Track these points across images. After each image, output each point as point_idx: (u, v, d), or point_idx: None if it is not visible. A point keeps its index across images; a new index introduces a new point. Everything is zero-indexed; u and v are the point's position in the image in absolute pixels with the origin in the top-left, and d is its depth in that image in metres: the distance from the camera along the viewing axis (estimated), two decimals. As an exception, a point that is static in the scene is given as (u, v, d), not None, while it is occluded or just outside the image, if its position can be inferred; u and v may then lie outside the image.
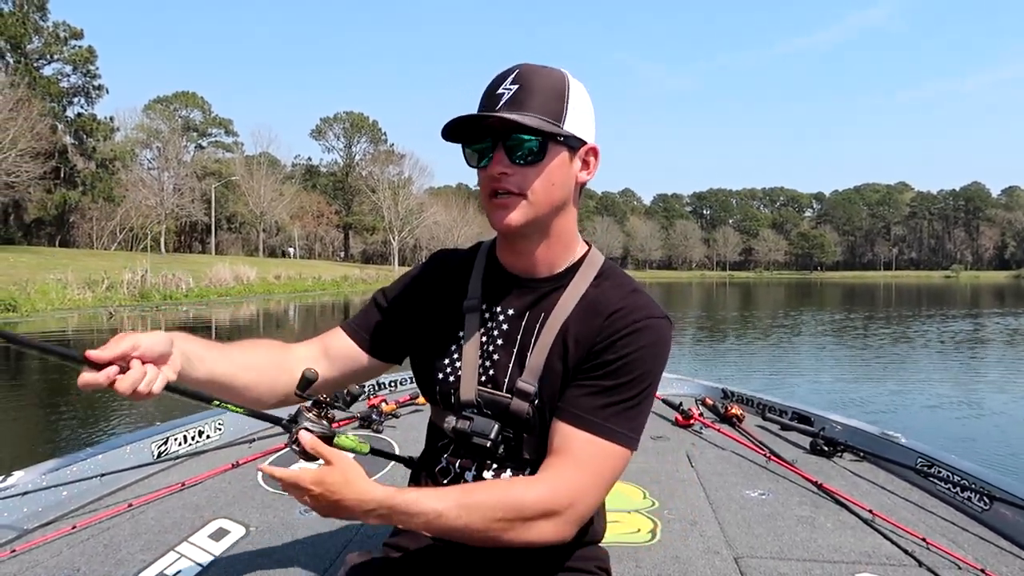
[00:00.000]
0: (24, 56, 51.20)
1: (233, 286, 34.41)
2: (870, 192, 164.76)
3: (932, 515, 2.68)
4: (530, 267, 1.26)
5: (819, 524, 2.57)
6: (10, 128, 37.08)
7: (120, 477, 2.89)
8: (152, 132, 70.23)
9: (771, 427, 4.02)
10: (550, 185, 1.16)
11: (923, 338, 17.47)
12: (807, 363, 12.94)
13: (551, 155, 1.15)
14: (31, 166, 39.60)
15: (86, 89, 56.22)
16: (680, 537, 2.44)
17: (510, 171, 1.14)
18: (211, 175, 70.03)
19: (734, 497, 2.88)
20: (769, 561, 2.26)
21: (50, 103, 49.88)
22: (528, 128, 1.11)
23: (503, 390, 1.22)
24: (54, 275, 25.18)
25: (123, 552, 2.25)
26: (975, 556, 2.28)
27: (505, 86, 1.14)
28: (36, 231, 60.03)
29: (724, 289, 63.92)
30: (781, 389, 9.77)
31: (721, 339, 17.63)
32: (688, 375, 5.42)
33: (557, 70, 1.18)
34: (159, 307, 25.29)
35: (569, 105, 1.15)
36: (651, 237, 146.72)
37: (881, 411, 8.38)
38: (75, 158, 55.91)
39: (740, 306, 34.93)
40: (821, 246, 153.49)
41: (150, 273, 28.69)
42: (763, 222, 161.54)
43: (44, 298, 22.19)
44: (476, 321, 1.27)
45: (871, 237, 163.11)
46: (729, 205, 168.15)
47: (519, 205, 1.15)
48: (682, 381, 5.10)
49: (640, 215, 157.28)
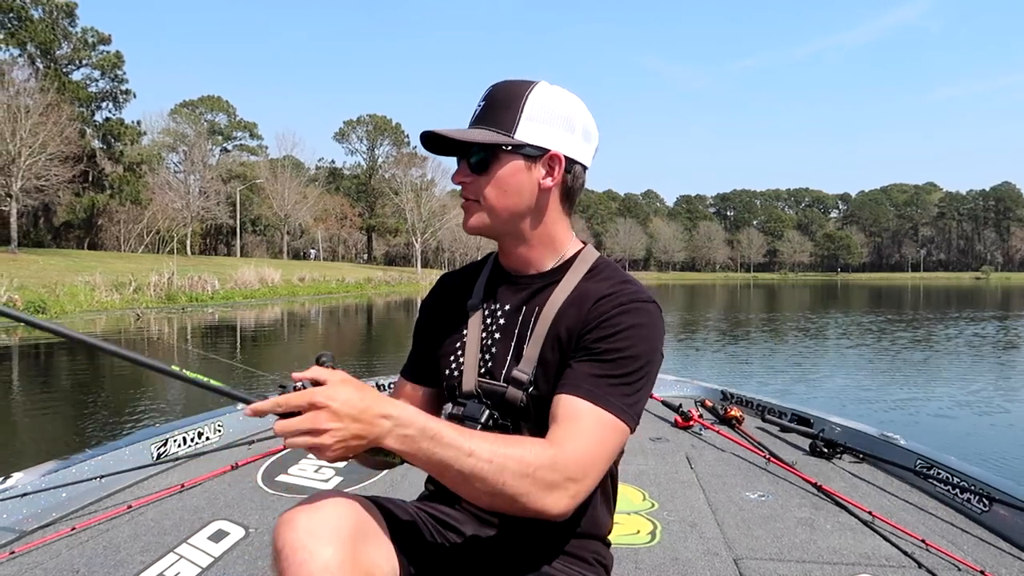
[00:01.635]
0: (54, 62, 52.05)
1: (258, 288, 34.67)
2: (897, 192, 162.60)
3: (931, 516, 2.69)
4: (521, 266, 1.33)
5: (818, 526, 2.58)
6: (40, 132, 37.67)
7: (119, 479, 2.90)
8: (178, 136, 71.11)
9: (771, 429, 4.05)
10: (501, 192, 1.24)
11: (941, 340, 17.16)
12: (822, 366, 12.74)
13: (499, 164, 1.23)
14: (60, 170, 40.22)
15: (114, 94, 57.01)
16: (680, 538, 2.46)
17: (468, 180, 1.25)
18: (236, 178, 70.68)
19: (733, 499, 2.89)
20: (768, 563, 2.26)
21: (79, 108, 50.64)
22: (473, 143, 1.21)
23: (500, 380, 1.27)
24: (82, 277, 25.51)
25: (122, 553, 2.25)
26: (974, 558, 2.28)
27: (478, 102, 1.25)
28: (65, 234, 60.94)
29: (748, 291, 63.38)
30: (793, 391, 9.67)
31: (742, 341, 17.42)
32: (689, 377, 5.46)
33: (527, 82, 1.25)
34: (185, 309, 25.53)
35: (523, 115, 1.22)
36: (674, 239, 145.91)
37: (886, 413, 8.33)
38: (103, 162, 56.72)
39: (763, 308, 34.61)
40: (847, 247, 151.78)
41: (176, 275, 28.97)
42: (788, 223, 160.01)
43: (73, 300, 22.48)
44: (478, 318, 1.35)
45: (898, 238, 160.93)
46: (753, 206, 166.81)
47: (475, 210, 1.27)
48: (681, 383, 5.14)
49: (663, 217, 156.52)
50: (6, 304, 14.12)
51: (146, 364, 1.07)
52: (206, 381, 1.08)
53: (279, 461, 3.41)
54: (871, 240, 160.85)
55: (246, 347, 15.75)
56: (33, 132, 37.48)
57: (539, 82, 1.26)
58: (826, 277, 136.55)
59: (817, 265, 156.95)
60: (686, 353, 15.14)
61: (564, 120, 1.25)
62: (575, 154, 1.27)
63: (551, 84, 1.27)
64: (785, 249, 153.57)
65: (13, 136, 36.84)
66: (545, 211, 1.28)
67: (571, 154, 1.26)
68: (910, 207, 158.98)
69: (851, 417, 4.02)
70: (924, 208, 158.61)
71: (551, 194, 1.27)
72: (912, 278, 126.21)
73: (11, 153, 37.12)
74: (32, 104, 38.23)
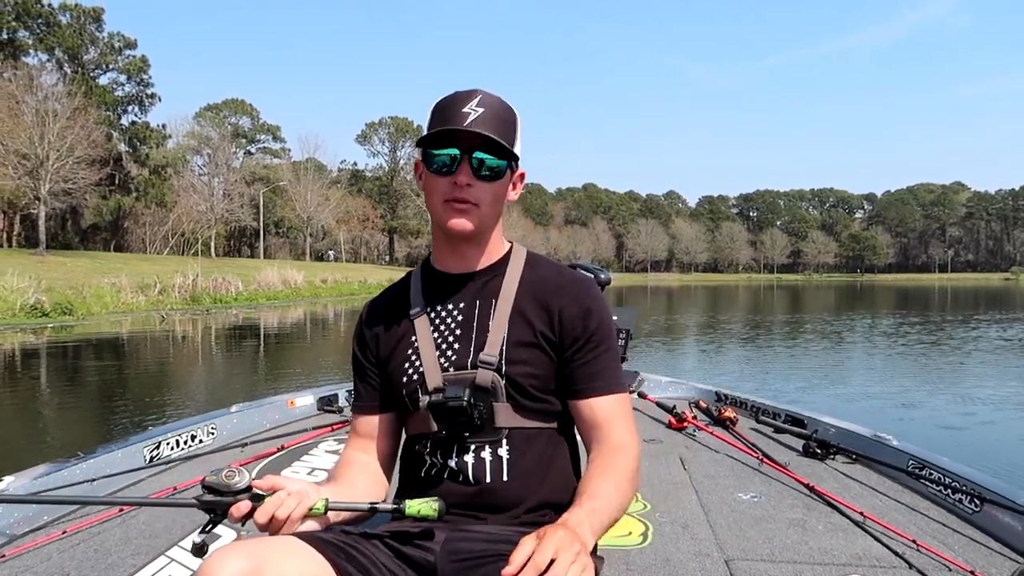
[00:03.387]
0: (81, 66, 52.84)
1: (281, 290, 34.92)
2: (924, 192, 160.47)
3: (923, 517, 2.69)
4: (469, 266, 1.41)
5: (810, 526, 2.59)
6: (67, 136, 38.26)
7: (111, 482, 2.89)
8: (203, 139, 71.93)
9: (764, 430, 4.07)
10: (497, 199, 1.35)
11: (952, 342, 16.84)
12: (830, 367, 12.55)
13: (507, 177, 1.36)
14: (87, 173, 40.82)
15: (140, 97, 57.79)
16: (671, 540, 2.46)
17: (473, 184, 1.30)
18: (259, 180, 71.31)
19: (726, 500, 2.90)
20: (759, 564, 2.27)
21: (105, 111, 51.37)
22: (502, 150, 1.30)
23: (468, 368, 1.34)
24: (109, 279, 25.84)
25: (113, 557, 2.25)
26: (965, 558, 2.28)
27: (471, 107, 1.29)
28: (92, 236, 61.83)
29: (771, 292, 62.77)
30: (804, 394, 9.56)
31: (757, 344, 17.22)
32: (683, 378, 5.46)
33: (507, 102, 1.36)
34: (210, 310, 25.75)
35: (518, 135, 1.35)
36: (696, 240, 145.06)
37: (883, 413, 8.28)
38: (129, 165, 57.52)
39: (784, 310, 34.25)
40: (873, 248, 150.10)
41: (201, 277, 29.25)
42: (812, 224, 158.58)
43: (99, 302, 22.74)
44: (425, 322, 1.40)
45: (925, 239, 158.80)
46: (777, 207, 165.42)
47: (474, 214, 1.32)
48: (676, 384, 5.15)
49: (685, 217, 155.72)
50: (34, 306, 14.30)
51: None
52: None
53: (273, 464, 3.41)
54: (897, 241, 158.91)
55: (270, 348, 15.83)
56: (61, 136, 38.07)
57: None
58: (851, 278, 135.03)
59: (842, 266, 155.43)
60: (697, 355, 14.99)
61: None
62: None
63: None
64: (809, 250, 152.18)
65: (42, 140, 37.43)
66: (501, 218, 1.43)
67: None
68: (937, 207, 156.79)
69: (846, 418, 4.03)
70: (952, 208, 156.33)
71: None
72: (939, 279, 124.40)
73: (40, 156, 37.71)
74: (60, 108, 38.81)
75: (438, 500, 1.20)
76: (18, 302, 19.36)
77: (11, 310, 18.92)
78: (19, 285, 20.51)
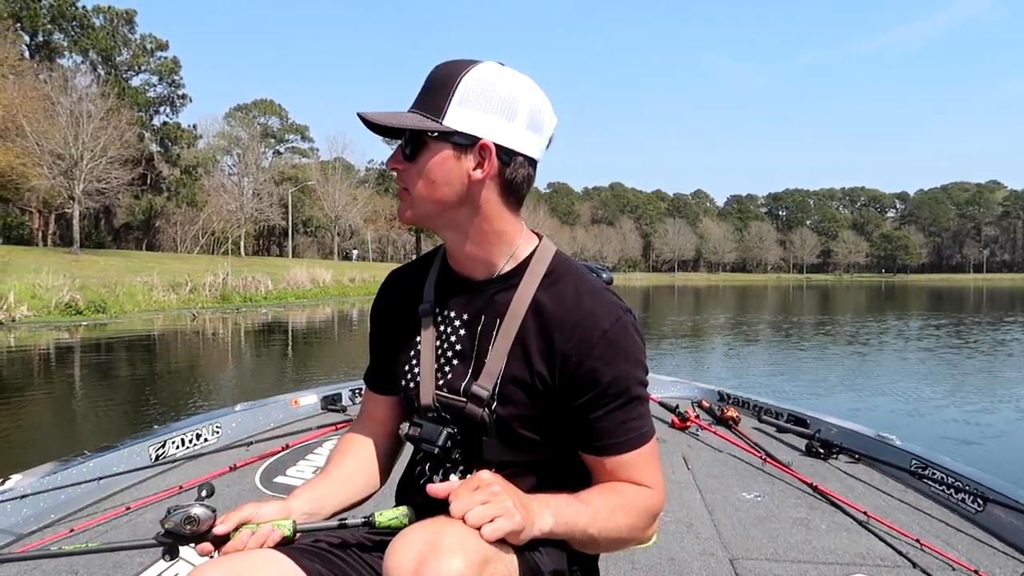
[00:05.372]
0: (114, 68, 53.73)
1: (309, 288, 35.17)
2: (958, 191, 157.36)
3: (926, 516, 2.71)
4: (469, 268, 1.24)
5: (814, 526, 2.60)
6: (101, 137, 38.85)
7: (118, 480, 2.92)
8: (232, 139, 72.71)
9: (767, 429, 4.10)
10: (430, 182, 1.14)
11: (989, 344, 16.48)
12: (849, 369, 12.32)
13: (427, 152, 1.13)
14: (120, 173, 41.44)
15: (171, 98, 58.63)
16: (676, 539, 2.48)
17: (400, 167, 1.17)
18: (288, 180, 71.98)
19: (730, 499, 2.91)
20: (764, 563, 2.28)
21: (138, 112, 52.18)
22: (398, 128, 1.13)
23: (460, 394, 1.21)
24: (141, 278, 26.17)
25: (121, 555, 2.26)
26: (968, 557, 2.29)
27: (421, 86, 1.16)
28: (124, 235, 62.81)
29: (800, 293, 62.01)
30: (821, 393, 9.46)
31: (790, 344, 16.98)
32: (686, 378, 5.53)
33: (466, 62, 1.14)
34: (240, 309, 25.99)
35: (454, 100, 1.11)
36: (724, 239, 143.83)
37: (886, 414, 8.21)
38: (161, 165, 58.38)
39: (813, 310, 33.78)
40: (905, 248, 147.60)
41: (231, 276, 29.53)
42: (842, 223, 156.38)
43: (131, 300, 23.05)
44: (431, 326, 1.27)
45: (959, 238, 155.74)
46: (806, 206, 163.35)
47: (407, 200, 1.18)
48: (678, 384, 5.23)
49: (713, 217, 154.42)
50: (69, 304, 14.47)
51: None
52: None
53: (277, 463, 3.44)
54: (930, 240, 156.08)
55: (299, 346, 15.93)
56: (94, 136, 38.67)
57: (481, 63, 1.14)
58: (882, 278, 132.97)
59: (873, 266, 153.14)
60: (716, 356, 14.82)
61: (503, 106, 1.12)
62: (515, 144, 1.14)
63: (502, 65, 1.15)
64: (840, 250, 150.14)
65: (76, 140, 38.05)
66: (481, 204, 1.16)
67: (508, 143, 1.13)
68: (972, 206, 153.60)
69: (851, 418, 4.05)
70: (987, 207, 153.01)
71: (485, 186, 1.15)
72: (974, 280, 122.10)
73: (74, 157, 38.35)
74: (94, 109, 39.43)
75: (409, 508, 1.15)
76: (53, 300, 19.66)
77: (46, 308, 19.22)
78: (54, 283, 20.82)
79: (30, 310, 18.49)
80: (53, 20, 50.81)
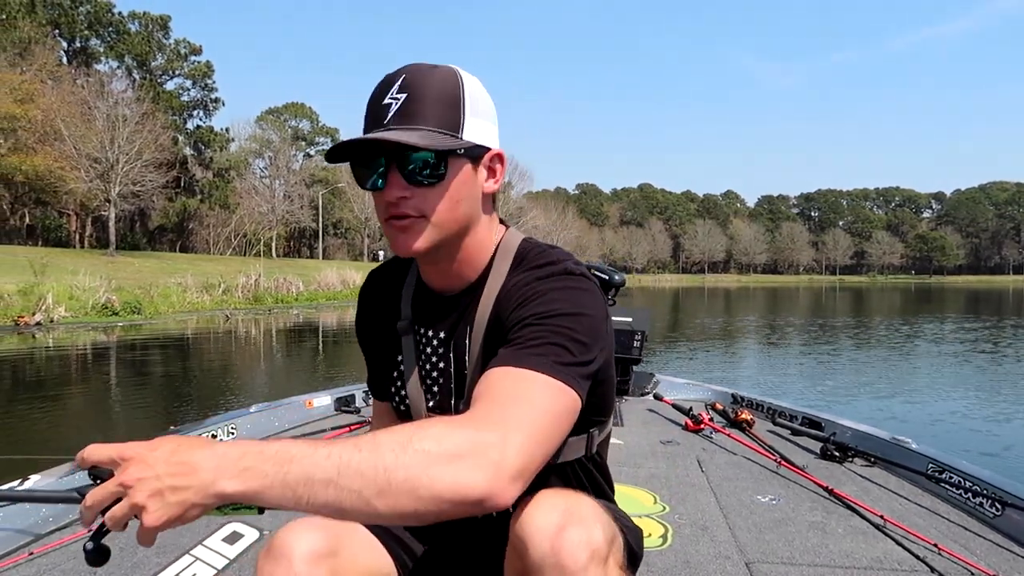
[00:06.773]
0: (149, 72, 54.61)
1: (340, 290, 35.32)
2: (997, 191, 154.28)
3: (943, 520, 2.68)
4: (447, 285, 1.16)
5: (830, 530, 2.58)
6: (136, 140, 39.55)
7: None
8: (264, 142, 73.55)
9: (782, 432, 4.05)
10: (455, 204, 1.04)
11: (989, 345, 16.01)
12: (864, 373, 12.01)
13: (452, 172, 1.02)
14: (155, 176, 42.18)
15: (204, 102, 59.54)
16: (691, 542, 2.46)
17: (408, 194, 1.01)
18: (318, 182, 72.55)
19: (745, 502, 2.90)
20: (780, 566, 2.26)
21: (172, 116, 52.98)
22: (422, 148, 0.98)
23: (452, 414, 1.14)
24: (175, 279, 26.51)
25: (139, 555, 2.27)
26: (987, 562, 2.26)
27: (391, 95, 1.01)
28: (159, 237, 63.73)
29: (833, 294, 61.07)
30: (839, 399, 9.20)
31: (819, 348, 16.66)
32: (701, 380, 5.50)
33: (447, 68, 1.05)
34: (272, 310, 26.18)
35: (466, 111, 1.03)
36: (755, 240, 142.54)
37: (903, 417, 8.03)
38: (194, 168, 59.22)
39: (847, 312, 33.16)
40: (942, 249, 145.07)
41: (263, 277, 29.77)
42: (877, 224, 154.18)
43: (166, 301, 23.32)
44: (411, 344, 1.21)
45: (998, 239, 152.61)
46: (839, 206, 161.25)
47: (423, 228, 1.03)
48: (692, 386, 5.21)
49: (743, 217, 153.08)
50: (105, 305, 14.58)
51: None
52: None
53: None
54: (968, 241, 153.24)
55: (328, 347, 15.98)
56: (130, 140, 39.36)
57: (455, 68, 1.05)
58: (917, 280, 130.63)
59: (909, 267, 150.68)
60: (737, 360, 14.58)
61: (493, 111, 1.09)
62: (499, 146, 1.10)
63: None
64: (874, 251, 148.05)
65: (112, 144, 38.74)
66: (485, 216, 1.11)
67: (499, 148, 1.09)
68: (1011, 206, 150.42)
69: (865, 420, 4.00)
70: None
71: (489, 200, 1.10)
72: (1014, 281, 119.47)
73: (110, 160, 39.05)
74: (129, 113, 40.15)
75: None
76: (90, 301, 19.94)
77: (83, 309, 19.50)
78: (91, 284, 21.13)
79: (68, 311, 18.75)
80: (90, 26, 51.81)
